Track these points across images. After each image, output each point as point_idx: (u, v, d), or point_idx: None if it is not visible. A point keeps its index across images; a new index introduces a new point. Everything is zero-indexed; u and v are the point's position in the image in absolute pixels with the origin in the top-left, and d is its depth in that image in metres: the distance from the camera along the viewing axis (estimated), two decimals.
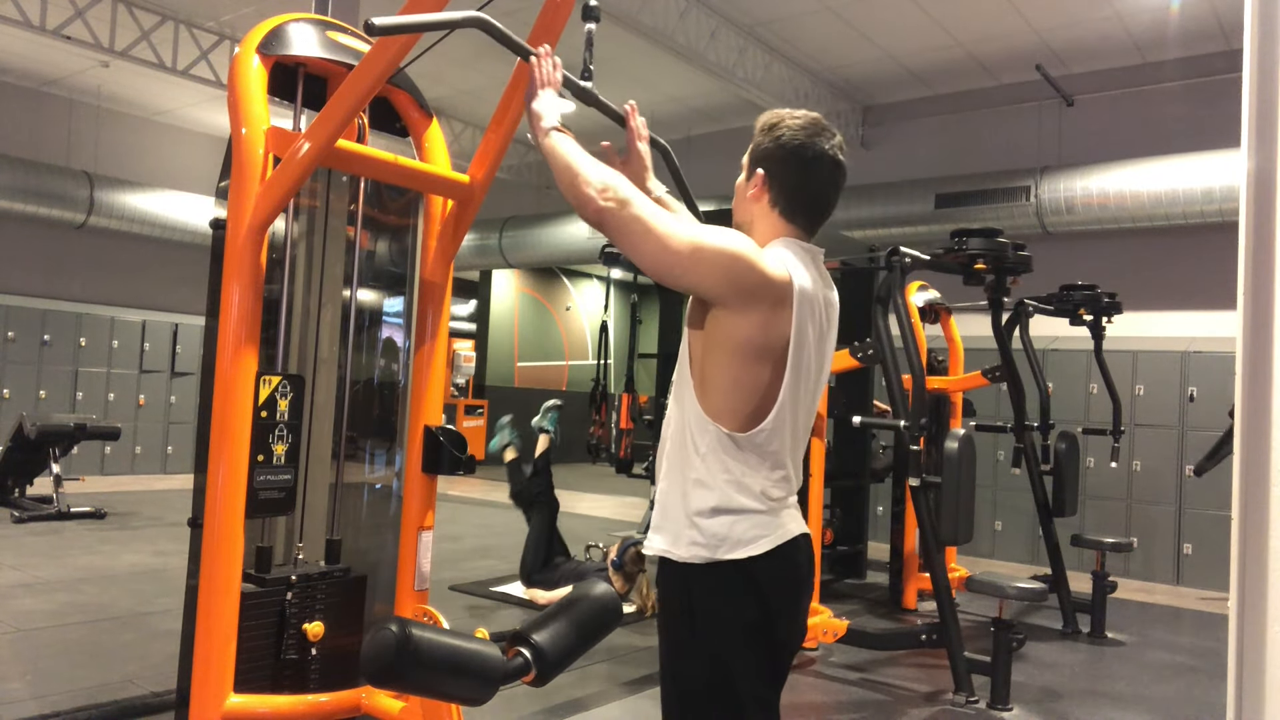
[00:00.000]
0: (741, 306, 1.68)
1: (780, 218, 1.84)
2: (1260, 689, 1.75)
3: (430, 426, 2.84)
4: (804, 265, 1.79)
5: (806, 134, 1.81)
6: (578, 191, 1.70)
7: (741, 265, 1.67)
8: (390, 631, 1.88)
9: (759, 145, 1.86)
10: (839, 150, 1.84)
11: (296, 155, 2.40)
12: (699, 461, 1.75)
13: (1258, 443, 1.80)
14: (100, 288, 11.03)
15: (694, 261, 1.66)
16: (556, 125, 1.85)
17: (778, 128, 1.83)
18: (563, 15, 2.36)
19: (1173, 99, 8.25)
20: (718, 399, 1.73)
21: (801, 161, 1.81)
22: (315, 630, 2.78)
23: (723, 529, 1.72)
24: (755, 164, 1.86)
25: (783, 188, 1.83)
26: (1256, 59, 1.85)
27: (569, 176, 1.74)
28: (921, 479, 4.39)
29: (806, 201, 1.84)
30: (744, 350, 1.70)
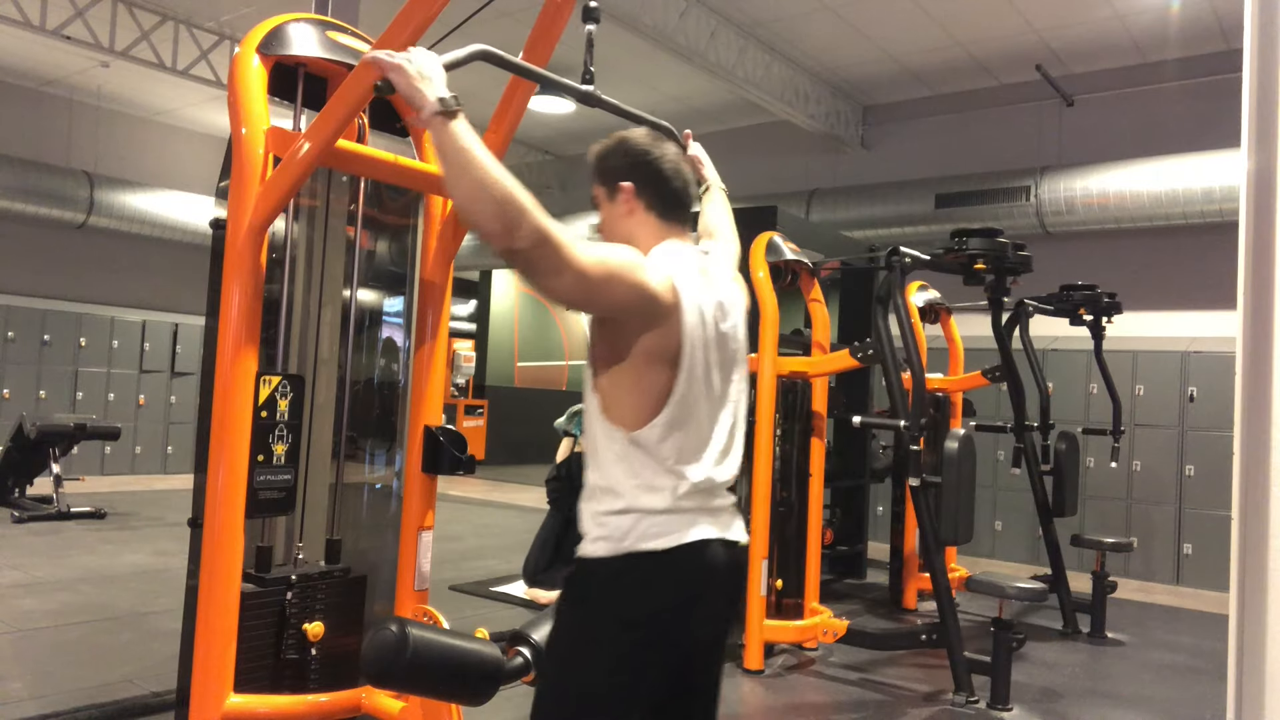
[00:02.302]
0: (640, 324, 1.70)
1: (659, 220, 1.87)
2: (1260, 689, 1.75)
3: (430, 426, 2.84)
4: (686, 265, 1.81)
5: (650, 140, 1.89)
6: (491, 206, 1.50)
7: (640, 288, 1.68)
8: (390, 631, 1.89)
9: (611, 166, 1.89)
10: (679, 151, 1.93)
11: (296, 155, 2.41)
12: (609, 469, 1.76)
13: (1258, 443, 1.80)
14: (100, 288, 11.02)
15: (607, 285, 1.64)
16: (447, 96, 1.59)
17: (625, 142, 1.89)
18: (563, 17, 2.36)
19: (1173, 99, 8.25)
20: (619, 407, 1.75)
21: (657, 159, 1.87)
22: (315, 630, 2.78)
23: (628, 523, 1.73)
24: (615, 181, 1.88)
25: (652, 190, 1.87)
26: (1256, 59, 1.85)
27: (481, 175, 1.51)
28: (921, 479, 4.39)
29: (674, 195, 1.89)
30: (641, 358, 1.72)
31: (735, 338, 1.90)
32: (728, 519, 1.85)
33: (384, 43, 2.21)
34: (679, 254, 1.82)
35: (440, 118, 1.56)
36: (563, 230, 1.57)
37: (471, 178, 1.51)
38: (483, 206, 1.51)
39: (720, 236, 2.28)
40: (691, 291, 1.76)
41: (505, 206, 1.50)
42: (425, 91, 1.59)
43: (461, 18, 2.45)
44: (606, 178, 1.90)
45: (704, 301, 1.79)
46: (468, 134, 1.55)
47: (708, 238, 2.28)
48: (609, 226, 1.92)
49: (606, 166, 1.90)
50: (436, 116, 1.56)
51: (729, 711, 4.11)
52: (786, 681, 4.55)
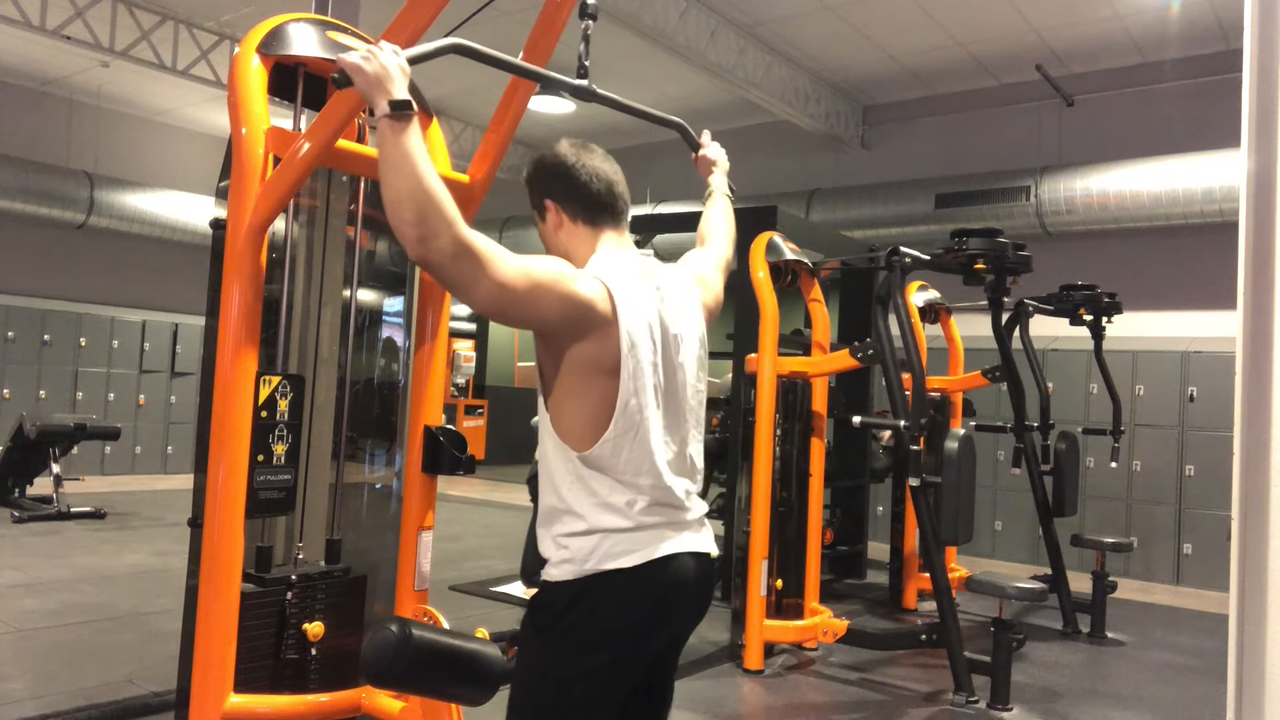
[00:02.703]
0: (574, 336, 1.69)
1: (587, 227, 1.87)
2: (1260, 689, 1.75)
3: (430, 426, 2.84)
4: (624, 269, 1.79)
5: (570, 150, 1.89)
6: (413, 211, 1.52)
7: (571, 299, 1.67)
8: (390, 631, 1.89)
9: (533, 186, 1.91)
10: (602, 153, 1.92)
11: (296, 155, 2.41)
12: (567, 491, 1.75)
13: (1258, 443, 1.80)
14: (100, 288, 11.02)
15: (531, 298, 1.64)
16: (399, 99, 1.59)
17: (542, 159, 1.91)
18: (563, 16, 2.36)
19: (1173, 99, 8.25)
20: (568, 423, 1.74)
21: (572, 168, 1.87)
22: (315, 630, 2.78)
23: (591, 544, 1.71)
24: (539, 198, 1.90)
25: (573, 198, 1.87)
26: (1256, 59, 1.85)
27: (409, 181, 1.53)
28: (921, 479, 4.39)
29: (598, 195, 1.88)
30: (581, 370, 1.71)
31: (687, 339, 1.87)
32: (696, 529, 1.82)
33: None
34: (616, 259, 1.81)
35: (388, 119, 1.57)
36: (488, 244, 1.60)
37: (401, 180, 1.54)
38: (405, 211, 1.54)
39: (710, 242, 2.25)
40: (629, 297, 1.74)
41: (426, 213, 1.53)
42: (380, 92, 1.60)
43: (461, 18, 2.45)
44: (533, 197, 1.92)
45: (646, 305, 1.77)
46: (412, 139, 1.57)
47: (699, 243, 2.27)
48: (547, 244, 1.93)
49: (531, 186, 1.92)
50: (385, 118, 1.58)
51: (729, 711, 4.11)
52: (786, 681, 4.55)
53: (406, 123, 1.57)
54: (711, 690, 4.32)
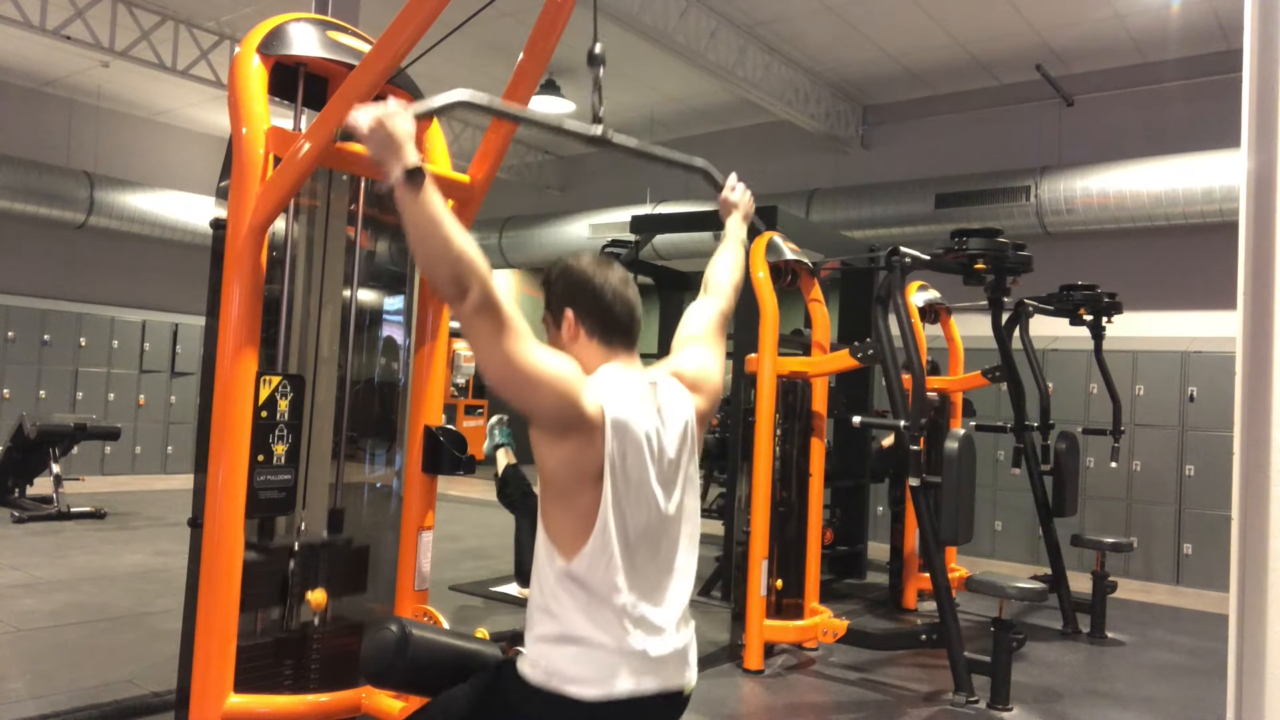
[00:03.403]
0: (560, 434, 1.70)
1: (601, 346, 1.88)
2: (1260, 689, 1.75)
3: (430, 426, 2.85)
4: (625, 388, 1.79)
5: (592, 267, 1.89)
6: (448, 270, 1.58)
7: (568, 398, 1.68)
8: (390, 631, 1.89)
9: (554, 292, 1.92)
10: (625, 273, 1.93)
11: (297, 155, 2.41)
12: (550, 589, 1.75)
13: (1258, 443, 1.80)
14: (100, 288, 11.02)
15: (530, 384, 1.66)
16: (412, 164, 1.60)
17: (566, 271, 1.90)
18: (563, 17, 2.36)
19: (1173, 99, 8.25)
20: (553, 526, 1.75)
21: (598, 287, 1.87)
22: (318, 599, 2.78)
23: (560, 659, 1.70)
24: (559, 308, 1.90)
25: (593, 317, 1.87)
26: (1256, 59, 1.85)
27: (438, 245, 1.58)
28: (921, 479, 4.39)
29: (616, 318, 1.88)
30: (567, 472, 1.72)
31: (684, 464, 1.87)
32: (675, 664, 1.80)
33: (385, 43, 2.21)
34: (621, 377, 1.82)
35: (405, 186, 1.59)
36: (515, 316, 1.64)
37: (431, 246, 1.59)
38: (441, 271, 1.59)
39: (713, 292, 2.24)
40: (624, 412, 1.74)
41: (459, 270, 1.58)
42: (392, 159, 1.61)
43: (462, 18, 2.45)
44: (550, 304, 1.93)
45: (642, 421, 1.77)
46: (432, 202, 1.59)
47: (703, 289, 2.26)
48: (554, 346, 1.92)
49: (550, 293, 1.93)
50: (402, 185, 1.59)
51: (729, 711, 4.11)
52: (786, 681, 4.55)
53: (421, 186, 1.59)
54: (711, 690, 4.32)
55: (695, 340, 2.09)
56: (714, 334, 2.13)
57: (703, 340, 2.10)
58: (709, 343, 2.10)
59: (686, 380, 1.97)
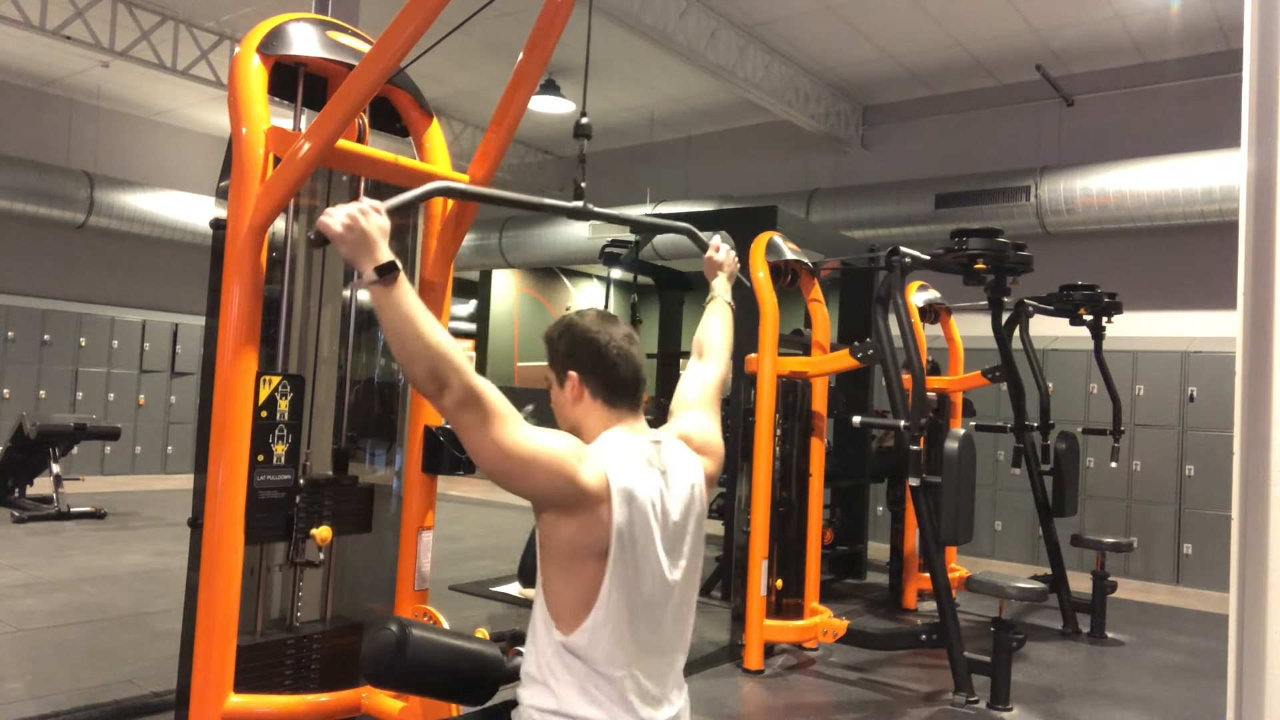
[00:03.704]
0: (564, 512, 1.68)
1: (605, 407, 1.86)
2: (1260, 689, 1.75)
3: (430, 426, 2.84)
4: (630, 457, 1.77)
5: (597, 325, 1.87)
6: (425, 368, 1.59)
7: (565, 477, 1.66)
8: (390, 631, 1.89)
9: (557, 351, 1.90)
10: (629, 330, 1.91)
11: (297, 155, 2.40)
12: (546, 660, 1.73)
13: (1258, 443, 1.80)
14: (100, 288, 11.02)
15: (526, 470, 1.64)
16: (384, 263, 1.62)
17: (569, 330, 1.88)
18: (563, 17, 2.36)
19: (1173, 99, 8.25)
20: (553, 600, 1.73)
21: (602, 346, 1.85)
22: (323, 534, 2.78)
23: None
24: (562, 368, 1.88)
25: (596, 376, 1.85)
26: (1256, 59, 1.85)
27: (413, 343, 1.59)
28: (921, 479, 4.39)
29: (620, 380, 1.86)
30: (569, 549, 1.70)
31: (691, 529, 1.86)
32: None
33: (385, 43, 2.21)
34: (625, 444, 1.80)
35: (378, 285, 1.60)
36: (500, 402, 1.63)
37: (406, 342, 1.60)
38: (418, 368, 1.59)
39: (708, 359, 2.23)
40: (629, 480, 1.72)
41: (437, 367, 1.58)
42: (364, 258, 1.63)
43: (462, 18, 2.45)
44: (554, 362, 1.91)
45: (647, 487, 1.76)
46: (406, 299, 1.60)
47: (696, 352, 2.25)
48: (558, 409, 1.92)
49: (554, 351, 1.91)
50: (374, 284, 1.60)
51: (729, 711, 4.11)
52: (786, 681, 4.55)
53: (394, 283, 1.60)
54: (711, 690, 4.32)
55: (696, 406, 2.09)
56: (713, 401, 2.14)
57: (702, 407, 2.10)
58: (708, 410, 2.10)
59: (694, 444, 1.97)
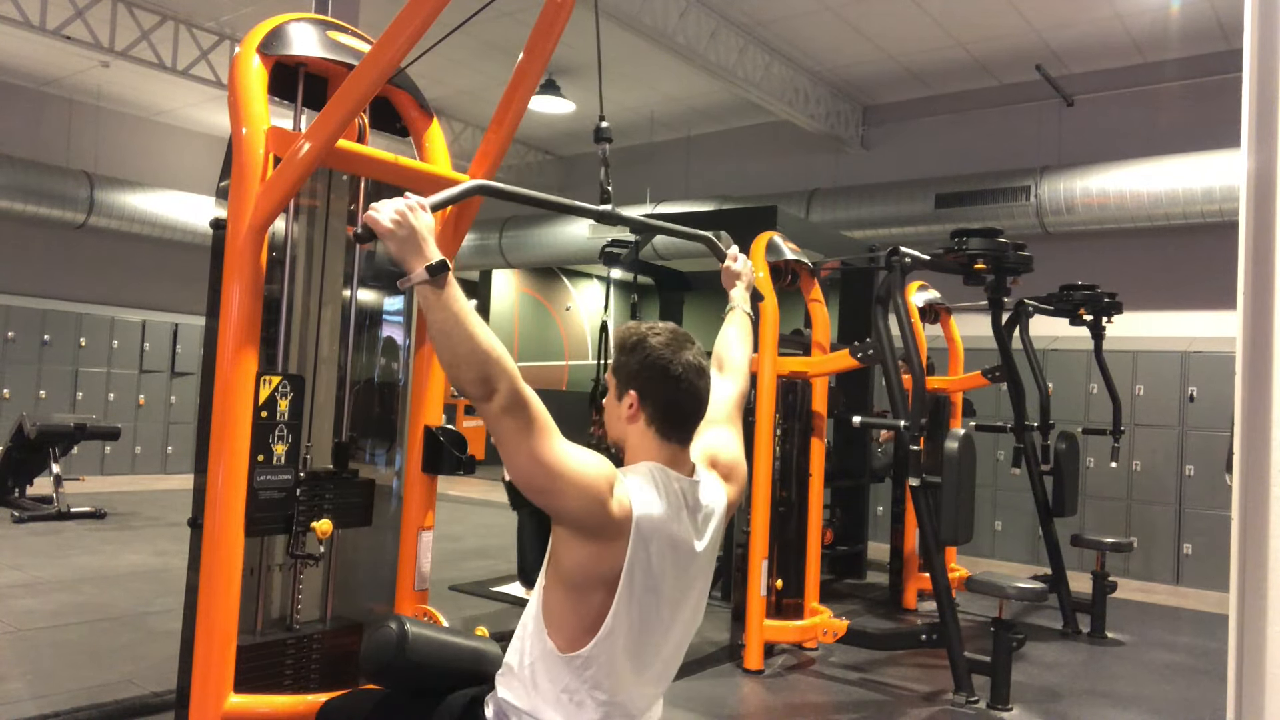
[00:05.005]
0: (584, 536, 1.67)
1: (656, 437, 1.82)
2: (1260, 689, 1.75)
3: (430, 426, 2.85)
4: (658, 491, 1.75)
5: (671, 349, 1.81)
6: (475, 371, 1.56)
7: (593, 502, 1.64)
8: (390, 629, 1.89)
9: (625, 365, 1.84)
10: (701, 357, 1.85)
11: (297, 155, 2.40)
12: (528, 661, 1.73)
13: (1258, 443, 1.80)
14: (100, 288, 11.02)
15: (556, 486, 1.62)
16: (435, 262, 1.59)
17: (641, 346, 1.83)
18: (563, 17, 2.36)
19: (1173, 99, 8.25)
20: (554, 617, 1.72)
21: (670, 376, 1.80)
22: (324, 528, 2.77)
23: None
24: (625, 384, 1.84)
25: (656, 405, 1.81)
26: (1256, 59, 1.85)
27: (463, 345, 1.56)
28: (921, 479, 4.39)
29: (681, 414, 1.83)
30: (575, 574, 1.69)
31: (705, 555, 1.85)
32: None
33: (385, 43, 2.21)
34: (659, 479, 1.77)
35: (428, 285, 1.58)
36: (543, 414, 1.61)
37: (456, 345, 1.56)
38: (467, 372, 1.56)
39: (728, 373, 2.21)
40: (653, 521, 1.71)
41: (488, 371, 1.56)
42: (414, 257, 1.60)
43: (462, 18, 2.45)
44: (618, 372, 1.86)
45: (671, 530, 1.74)
46: (456, 299, 1.57)
47: (715, 365, 2.20)
48: (610, 418, 1.89)
49: (620, 364, 1.85)
50: (425, 284, 1.58)
51: (729, 711, 4.11)
52: (786, 681, 4.55)
53: (445, 283, 1.57)
54: (711, 690, 4.32)
55: (719, 423, 2.07)
56: (735, 416, 2.13)
57: (725, 424, 2.09)
58: (731, 426, 2.09)
59: (721, 468, 1.96)
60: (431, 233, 1.63)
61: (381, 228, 1.62)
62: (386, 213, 1.62)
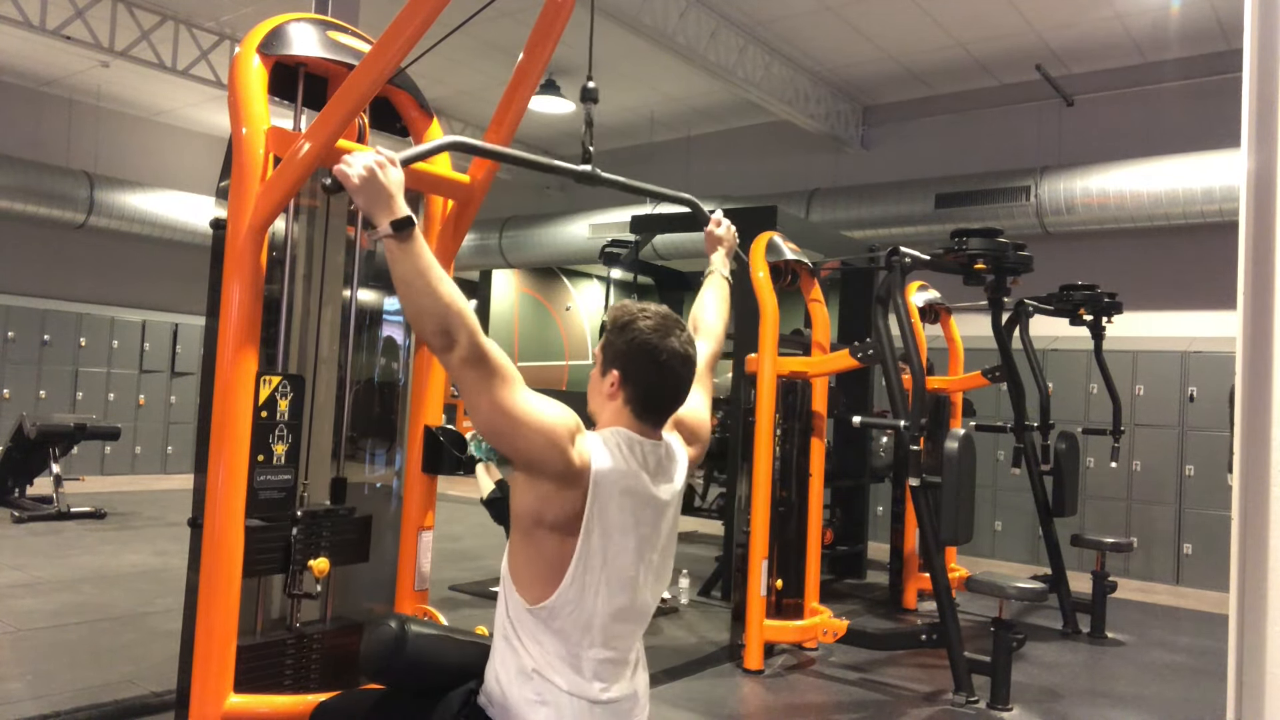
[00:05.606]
0: (541, 478, 1.70)
1: (632, 417, 1.85)
2: (1260, 689, 1.75)
3: (430, 426, 2.85)
4: (620, 450, 1.78)
5: (659, 335, 1.82)
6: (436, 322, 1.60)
7: (553, 447, 1.67)
8: (389, 628, 1.89)
9: (612, 344, 1.86)
10: (688, 345, 1.86)
11: (297, 155, 2.40)
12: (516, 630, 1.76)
13: (1258, 443, 1.80)
14: (100, 288, 11.02)
15: (517, 430, 1.66)
16: (401, 217, 1.62)
17: (630, 327, 1.84)
18: (563, 17, 2.36)
19: (1173, 99, 8.25)
20: (519, 571, 1.75)
21: (655, 362, 1.81)
22: (321, 566, 2.77)
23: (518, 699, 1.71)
24: (610, 362, 1.86)
25: (636, 387, 1.83)
26: (1256, 59, 1.85)
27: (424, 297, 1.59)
28: (921, 479, 4.39)
29: (660, 400, 1.86)
30: (528, 518, 1.72)
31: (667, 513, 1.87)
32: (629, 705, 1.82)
33: (385, 43, 2.21)
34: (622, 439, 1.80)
35: (394, 239, 1.60)
36: (505, 364, 1.65)
37: (418, 296, 1.60)
38: (428, 323, 1.60)
39: (703, 335, 2.23)
40: (612, 474, 1.74)
41: (448, 323, 1.59)
42: (382, 211, 1.62)
43: (462, 18, 2.45)
44: (605, 349, 1.88)
45: (630, 481, 1.77)
46: (421, 253, 1.60)
47: (691, 328, 2.21)
48: (591, 390, 1.92)
49: (610, 341, 1.87)
50: (390, 237, 1.60)
51: (729, 711, 4.11)
52: (786, 681, 4.55)
53: (411, 238, 1.59)
54: (711, 690, 4.32)
55: None
56: (705, 376, 2.15)
57: (695, 385, 2.09)
58: (701, 386, 2.11)
59: (686, 429, 2.00)
60: (400, 188, 1.66)
61: (350, 181, 1.66)
62: (356, 167, 1.65)
